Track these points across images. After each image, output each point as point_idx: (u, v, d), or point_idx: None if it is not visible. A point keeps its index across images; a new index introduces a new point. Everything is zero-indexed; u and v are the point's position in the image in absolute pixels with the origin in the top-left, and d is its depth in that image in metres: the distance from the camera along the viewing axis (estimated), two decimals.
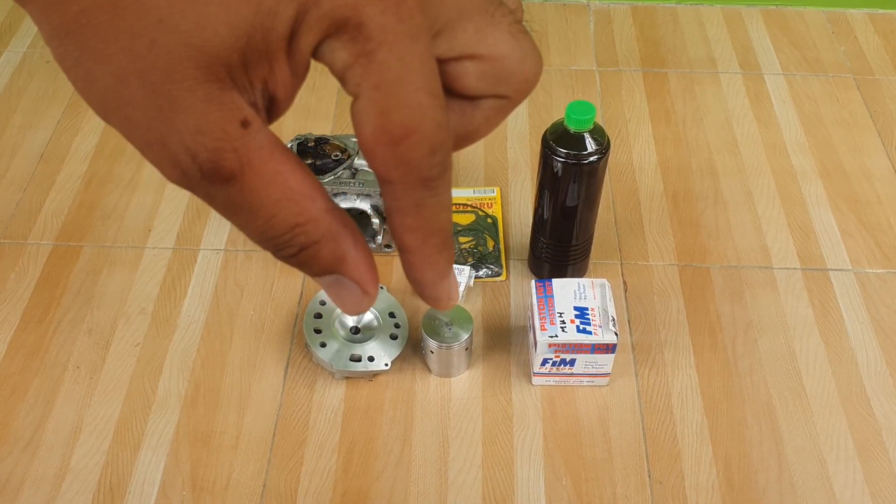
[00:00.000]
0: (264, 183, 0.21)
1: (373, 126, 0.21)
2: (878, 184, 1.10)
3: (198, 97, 0.20)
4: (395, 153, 0.22)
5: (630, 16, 1.37)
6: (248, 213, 0.22)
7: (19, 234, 1.03)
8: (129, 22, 0.19)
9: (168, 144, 0.21)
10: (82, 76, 0.20)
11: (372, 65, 0.21)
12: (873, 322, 0.95)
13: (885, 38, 1.33)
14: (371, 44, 0.20)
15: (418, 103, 0.21)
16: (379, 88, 0.21)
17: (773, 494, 0.81)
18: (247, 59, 0.20)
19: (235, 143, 0.21)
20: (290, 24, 0.20)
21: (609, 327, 0.83)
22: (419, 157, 0.22)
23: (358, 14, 0.20)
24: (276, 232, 0.22)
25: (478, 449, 0.84)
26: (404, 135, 0.21)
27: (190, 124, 0.20)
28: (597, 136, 0.84)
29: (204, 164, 0.21)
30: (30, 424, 0.86)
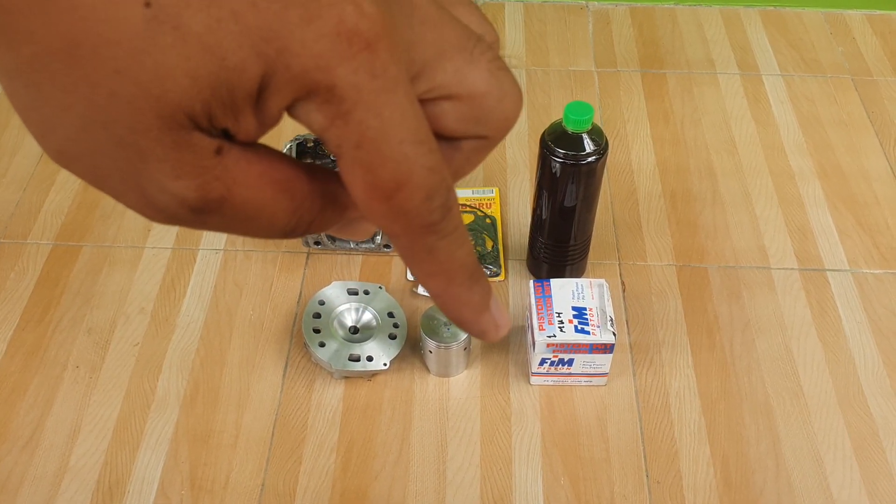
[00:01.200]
0: (254, 190, 0.21)
1: (362, 184, 0.21)
2: (876, 184, 1.11)
3: (166, 145, 0.19)
4: (390, 207, 0.21)
5: (629, 16, 1.38)
6: (248, 222, 0.22)
7: (19, 233, 1.04)
8: (85, 71, 0.18)
9: (147, 192, 0.20)
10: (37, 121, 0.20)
11: (349, 125, 0.20)
12: (871, 322, 0.95)
13: (883, 39, 1.34)
14: (346, 104, 0.20)
15: (404, 155, 0.21)
16: (361, 147, 0.20)
17: (770, 494, 0.81)
18: (210, 110, 0.20)
19: (216, 172, 0.20)
20: (256, 82, 0.19)
21: (607, 327, 0.84)
22: (416, 206, 0.21)
23: (329, 77, 0.19)
24: (281, 225, 0.22)
25: (476, 448, 0.84)
26: (395, 188, 0.21)
27: (166, 172, 0.20)
28: (595, 137, 0.84)
29: (193, 203, 0.20)
30: (29, 423, 0.86)
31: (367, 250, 1.01)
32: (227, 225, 0.21)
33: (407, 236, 0.22)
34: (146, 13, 0.18)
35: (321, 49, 0.19)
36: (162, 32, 0.18)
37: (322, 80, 0.19)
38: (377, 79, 0.20)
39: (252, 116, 0.20)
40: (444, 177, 0.22)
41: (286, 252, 1.01)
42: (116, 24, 0.18)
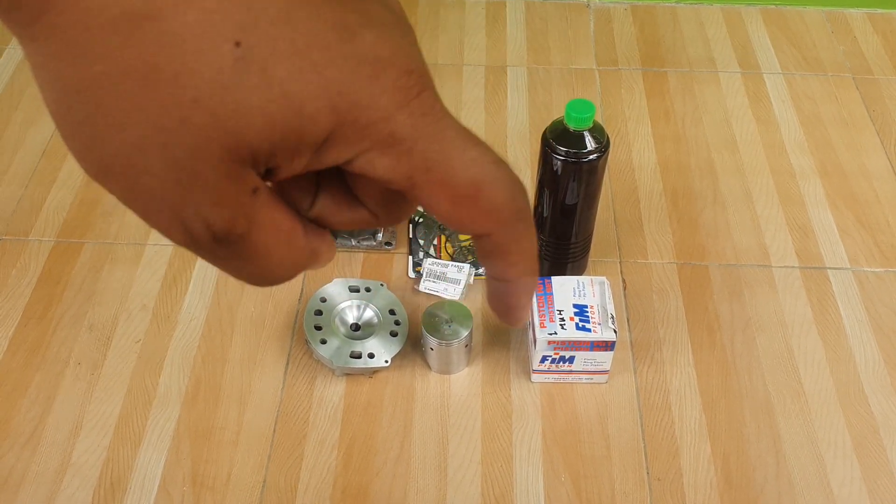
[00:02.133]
0: (267, 235, 0.22)
1: (447, 200, 0.23)
2: (877, 183, 1.11)
3: (219, 174, 0.20)
4: (479, 209, 0.23)
5: (630, 15, 1.38)
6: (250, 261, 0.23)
7: (21, 230, 1.04)
8: (159, 95, 0.19)
9: (181, 214, 0.21)
10: (87, 136, 0.20)
11: (414, 157, 0.22)
12: (871, 320, 0.95)
13: (884, 38, 1.34)
14: (407, 143, 0.22)
15: (472, 160, 0.22)
16: (431, 170, 0.22)
17: (771, 491, 0.81)
18: (274, 151, 0.21)
19: (246, 209, 0.21)
20: (326, 133, 0.21)
21: (608, 325, 0.84)
22: (502, 199, 0.23)
23: (389, 125, 0.21)
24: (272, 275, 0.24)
25: (477, 446, 0.84)
26: (476, 190, 0.23)
27: (208, 198, 0.20)
28: (596, 135, 0.84)
29: (218, 232, 0.21)
30: (31, 420, 0.86)
31: (369, 247, 1.01)
32: (231, 259, 0.22)
33: (502, 229, 0.24)
34: (235, 52, 0.19)
35: (385, 102, 0.21)
36: (249, 73, 0.19)
37: (383, 128, 0.21)
38: (427, 116, 0.22)
39: (306, 161, 0.22)
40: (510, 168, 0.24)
41: None
42: (204, 58, 0.19)
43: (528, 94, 1.23)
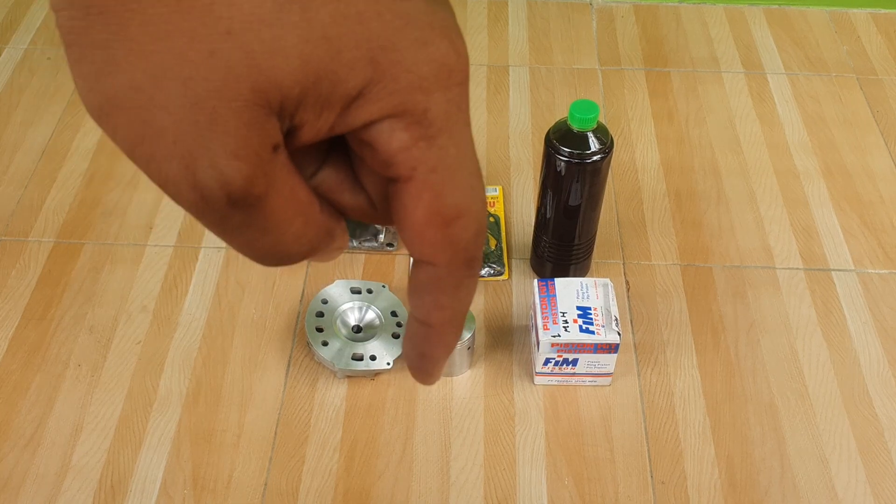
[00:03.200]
0: (285, 201, 0.21)
1: (425, 209, 0.21)
2: (881, 184, 1.10)
3: (242, 120, 0.18)
4: (445, 234, 0.22)
5: (633, 14, 1.37)
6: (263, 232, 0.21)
7: (20, 231, 1.03)
8: (190, 23, 0.18)
9: (196, 163, 0.19)
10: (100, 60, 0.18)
11: (432, 149, 0.21)
12: (876, 322, 0.95)
13: (887, 38, 1.33)
14: (433, 129, 0.20)
15: (471, 186, 0.22)
16: (436, 171, 0.21)
17: (775, 495, 0.81)
18: (304, 98, 0.19)
19: (266, 168, 0.20)
20: (361, 85, 0.19)
21: (612, 327, 0.83)
22: (468, 237, 0.22)
23: (427, 99, 0.20)
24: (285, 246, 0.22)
25: (480, 448, 0.84)
26: (456, 216, 0.22)
27: (228, 147, 0.19)
28: (600, 136, 0.84)
29: (235, 190, 0.19)
30: (31, 422, 0.85)
31: (370, 249, 1.00)
32: (244, 229, 0.21)
33: (448, 267, 0.23)
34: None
35: (428, 72, 0.20)
36: (290, 10, 0.18)
37: (420, 101, 0.20)
38: (462, 112, 0.21)
39: (333, 117, 0.20)
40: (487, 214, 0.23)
41: None
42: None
43: (530, 94, 1.22)
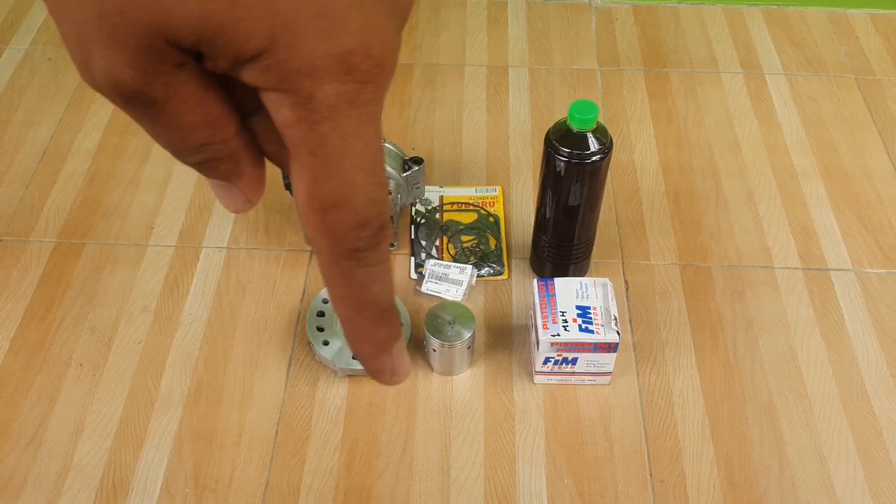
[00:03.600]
0: (187, 109, 0.21)
1: (304, 191, 0.22)
2: (879, 184, 1.11)
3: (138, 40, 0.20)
4: (323, 222, 0.22)
5: (632, 15, 1.38)
6: (163, 128, 0.22)
7: (22, 231, 1.03)
8: None
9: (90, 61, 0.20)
10: None
11: (312, 134, 0.21)
12: (874, 322, 0.95)
13: (886, 39, 1.34)
14: (317, 115, 0.21)
15: (352, 179, 0.22)
16: (314, 155, 0.21)
17: (774, 494, 0.81)
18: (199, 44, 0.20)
19: (166, 79, 0.21)
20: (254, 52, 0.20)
21: (611, 326, 0.84)
22: (346, 228, 0.22)
23: (314, 87, 0.20)
24: (185, 146, 0.23)
25: (480, 447, 0.84)
26: (333, 205, 0.22)
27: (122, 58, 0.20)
28: (600, 136, 0.84)
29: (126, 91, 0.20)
30: (32, 422, 0.86)
31: None
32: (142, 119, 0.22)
33: (330, 255, 0.23)
34: None
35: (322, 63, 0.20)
36: None
37: (307, 86, 0.20)
38: (355, 108, 0.21)
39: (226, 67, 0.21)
40: (383, 212, 0.23)
41: (289, 250, 1.01)
42: None
43: (529, 95, 1.23)
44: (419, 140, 1.15)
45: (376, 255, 0.23)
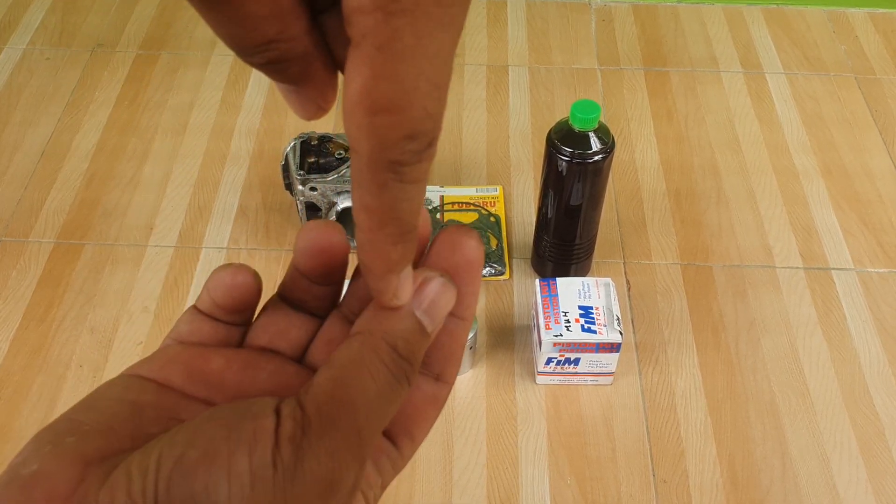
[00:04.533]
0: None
1: (359, 86, 0.20)
2: (880, 183, 1.11)
3: None
4: (371, 123, 0.20)
5: (631, 14, 1.37)
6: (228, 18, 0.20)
7: (20, 231, 1.03)
8: None
9: None
10: None
11: (386, 25, 0.19)
12: (876, 321, 0.95)
13: (885, 38, 1.34)
14: (396, 5, 0.19)
15: (414, 85, 0.20)
16: (382, 51, 0.19)
17: (777, 493, 0.81)
18: None
19: None
20: None
21: (614, 326, 0.83)
22: (395, 137, 0.20)
23: None
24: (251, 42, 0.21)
25: (482, 448, 0.84)
26: (386, 108, 0.20)
27: None
28: (601, 135, 0.84)
29: None
30: (33, 423, 0.85)
31: None
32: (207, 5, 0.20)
33: (369, 159, 0.21)
34: None
35: None
36: None
37: None
38: (439, 7, 0.19)
39: None
40: (436, 128, 0.21)
41: (290, 251, 1.01)
42: None
43: (529, 94, 1.22)
44: None
45: (417, 172, 0.22)
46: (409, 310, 0.24)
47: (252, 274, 0.26)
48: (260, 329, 0.27)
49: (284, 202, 1.06)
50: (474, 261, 0.26)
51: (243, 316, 0.27)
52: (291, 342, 0.27)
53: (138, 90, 1.22)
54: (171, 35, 1.31)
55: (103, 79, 1.24)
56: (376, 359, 0.23)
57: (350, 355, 0.23)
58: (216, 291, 0.26)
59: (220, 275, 0.26)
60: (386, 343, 0.24)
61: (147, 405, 0.24)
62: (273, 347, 0.27)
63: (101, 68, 1.25)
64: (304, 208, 0.96)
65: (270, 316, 0.27)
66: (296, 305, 0.27)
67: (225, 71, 1.25)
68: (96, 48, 1.29)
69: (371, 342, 0.24)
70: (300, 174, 0.93)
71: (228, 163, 1.12)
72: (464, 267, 0.26)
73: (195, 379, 0.26)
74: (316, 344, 0.27)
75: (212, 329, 0.27)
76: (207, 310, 0.27)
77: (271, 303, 0.28)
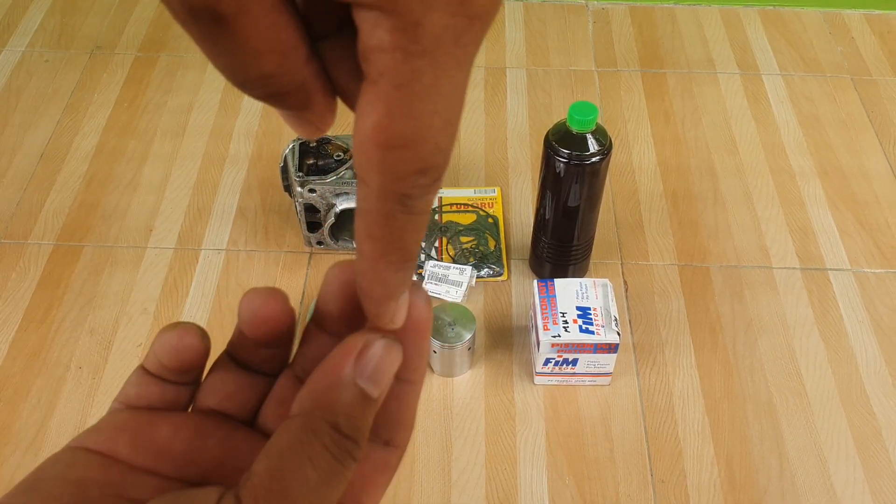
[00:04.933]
0: (256, 32, 0.20)
1: (373, 122, 0.20)
2: (876, 184, 1.11)
3: None
4: (384, 158, 0.20)
5: (628, 16, 1.38)
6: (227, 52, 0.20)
7: (20, 233, 1.03)
8: None
9: None
10: None
11: (405, 65, 0.19)
12: (872, 321, 0.96)
13: (881, 39, 1.34)
14: (417, 46, 0.19)
15: (429, 122, 0.20)
16: (399, 89, 0.20)
17: (774, 493, 0.82)
18: None
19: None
20: None
21: (611, 327, 0.84)
22: (406, 171, 0.21)
23: (423, 13, 0.19)
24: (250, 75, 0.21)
25: (481, 448, 0.84)
26: (400, 145, 0.20)
27: None
28: (599, 137, 0.84)
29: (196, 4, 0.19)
30: (32, 425, 0.86)
31: None
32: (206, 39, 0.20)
33: (379, 192, 0.21)
34: None
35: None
36: None
37: (416, 10, 0.19)
38: (459, 48, 0.19)
39: None
40: (444, 163, 0.21)
41: (289, 252, 1.01)
42: None
43: (527, 96, 1.23)
44: None
45: (424, 204, 0.22)
46: (350, 379, 0.23)
47: (199, 335, 0.26)
48: (209, 390, 0.27)
49: (283, 204, 1.06)
50: (423, 320, 0.25)
51: (191, 376, 0.26)
52: (242, 404, 0.27)
53: (137, 92, 1.22)
54: (170, 37, 1.32)
55: (102, 81, 1.24)
56: (316, 442, 0.22)
57: (288, 441, 0.22)
58: (163, 353, 0.26)
59: (165, 336, 0.26)
60: (326, 423, 0.22)
61: (91, 483, 0.24)
62: (223, 410, 0.26)
63: (100, 70, 1.26)
64: (303, 210, 0.96)
65: (220, 376, 0.27)
66: (244, 365, 0.27)
67: None
68: (95, 50, 1.29)
69: (310, 424, 0.22)
70: (299, 176, 0.93)
71: (227, 164, 1.12)
72: (411, 326, 0.25)
73: (143, 449, 0.25)
74: (268, 405, 0.27)
75: (160, 390, 0.26)
76: (155, 370, 0.26)
77: (220, 361, 0.27)
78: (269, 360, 0.27)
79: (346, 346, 0.24)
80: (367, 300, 0.24)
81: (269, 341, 0.26)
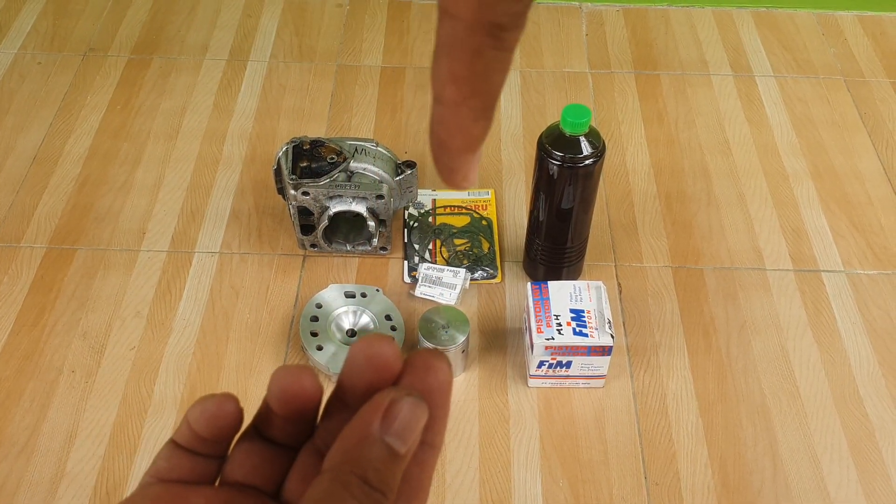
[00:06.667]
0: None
1: None
2: (869, 185, 1.11)
3: None
4: None
5: (622, 18, 1.38)
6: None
7: (12, 236, 1.03)
8: None
9: None
10: None
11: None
12: (865, 323, 0.96)
13: (874, 40, 1.34)
14: None
15: None
16: None
17: (768, 495, 0.82)
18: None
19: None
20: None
21: (605, 329, 0.84)
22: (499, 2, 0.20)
23: None
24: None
25: (475, 451, 0.84)
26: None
27: None
28: (592, 140, 0.84)
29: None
30: (25, 429, 0.85)
31: (364, 253, 1.00)
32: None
33: (467, 24, 0.21)
34: None
35: None
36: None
37: None
38: None
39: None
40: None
41: (282, 255, 1.01)
42: None
43: (521, 98, 1.23)
44: (411, 143, 1.15)
45: (512, 39, 0.21)
46: (378, 436, 0.23)
47: (236, 402, 0.26)
48: (236, 464, 0.27)
49: (277, 206, 1.06)
50: (446, 384, 0.26)
51: (222, 447, 0.27)
52: (267, 477, 0.27)
53: (130, 94, 1.22)
54: (162, 39, 1.31)
55: (95, 83, 1.24)
56: (348, 496, 0.22)
57: (321, 494, 0.22)
58: (201, 421, 0.26)
59: (206, 404, 0.26)
60: (356, 476, 0.23)
61: None
62: (249, 483, 0.27)
63: (92, 73, 1.25)
64: (297, 212, 0.96)
65: (246, 450, 0.27)
66: (268, 438, 0.27)
67: (217, 75, 1.25)
68: (88, 52, 1.29)
69: (341, 478, 0.23)
70: (292, 178, 0.93)
71: (221, 167, 1.12)
72: (436, 390, 0.25)
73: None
74: (291, 478, 0.27)
75: (190, 464, 0.26)
76: (186, 443, 0.26)
77: (246, 435, 0.27)
78: (294, 435, 0.27)
79: (373, 403, 0.24)
80: (444, 152, 0.23)
81: (296, 417, 0.26)
